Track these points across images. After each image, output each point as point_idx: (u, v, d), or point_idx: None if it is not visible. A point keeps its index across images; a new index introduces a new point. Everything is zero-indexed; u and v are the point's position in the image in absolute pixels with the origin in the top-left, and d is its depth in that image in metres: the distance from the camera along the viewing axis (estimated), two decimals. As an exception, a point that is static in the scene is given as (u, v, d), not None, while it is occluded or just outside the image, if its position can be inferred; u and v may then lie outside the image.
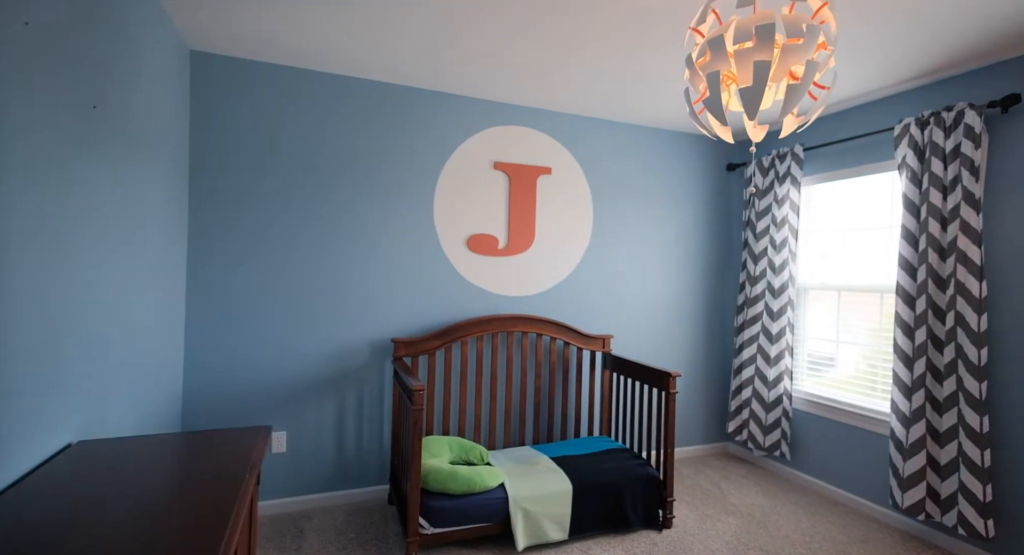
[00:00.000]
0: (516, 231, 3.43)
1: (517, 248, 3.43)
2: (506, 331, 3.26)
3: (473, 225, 3.32)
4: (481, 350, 3.20)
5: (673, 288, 3.90)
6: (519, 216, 3.43)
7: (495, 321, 3.23)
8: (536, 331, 3.31)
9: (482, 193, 3.34)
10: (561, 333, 3.37)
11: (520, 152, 3.43)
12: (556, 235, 3.53)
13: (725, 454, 4.03)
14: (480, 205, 3.33)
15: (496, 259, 3.38)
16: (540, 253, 3.49)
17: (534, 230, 3.47)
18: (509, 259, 3.42)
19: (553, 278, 3.53)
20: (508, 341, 3.28)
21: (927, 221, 2.67)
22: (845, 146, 3.23)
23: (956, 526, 2.57)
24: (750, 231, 3.76)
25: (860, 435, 3.11)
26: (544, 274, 3.50)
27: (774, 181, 3.58)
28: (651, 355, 3.82)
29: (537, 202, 3.48)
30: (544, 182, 3.50)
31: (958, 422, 2.56)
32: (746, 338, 3.74)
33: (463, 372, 3.15)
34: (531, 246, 3.46)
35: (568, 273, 3.57)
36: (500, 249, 3.39)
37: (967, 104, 2.54)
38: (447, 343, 3.10)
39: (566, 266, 3.57)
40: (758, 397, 3.64)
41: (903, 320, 2.77)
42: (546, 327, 3.34)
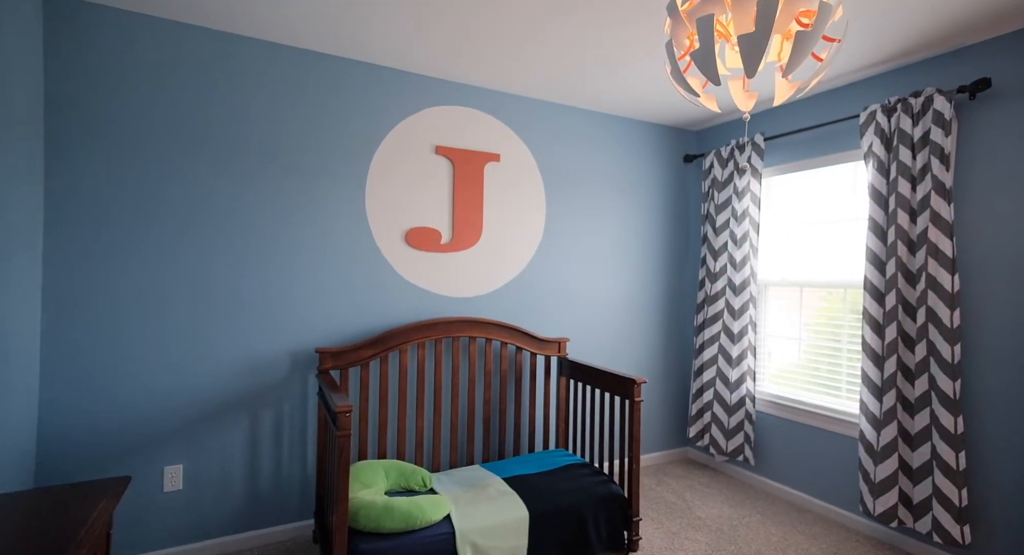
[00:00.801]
0: (461, 224, 3.07)
1: (462, 243, 3.08)
2: (451, 336, 2.90)
3: (412, 217, 2.94)
4: (423, 359, 2.82)
5: (631, 286, 3.66)
6: (464, 207, 3.08)
7: (438, 326, 2.86)
8: (485, 336, 2.97)
9: (422, 181, 2.96)
10: (512, 337, 3.04)
11: (465, 136, 3.08)
12: (506, 229, 3.21)
13: (686, 460, 3.83)
14: (420, 194, 2.96)
15: (439, 256, 3.02)
16: (488, 249, 3.15)
17: (481, 223, 3.13)
18: (454, 256, 3.06)
19: (503, 276, 3.20)
20: (453, 348, 2.92)
21: (896, 212, 2.53)
22: (808, 135, 3.09)
23: (931, 532, 2.44)
24: (709, 225, 3.58)
25: (827, 438, 2.96)
26: (493, 272, 3.17)
27: (733, 173, 3.41)
28: (609, 358, 3.57)
29: (485, 192, 3.14)
30: (492, 170, 3.16)
31: (931, 423, 2.43)
32: (707, 338, 3.56)
33: (402, 385, 2.76)
34: (478, 241, 3.12)
35: (519, 271, 3.25)
36: (443, 244, 3.03)
37: (935, 89, 2.42)
38: (383, 352, 2.70)
39: (517, 263, 3.25)
40: (720, 400, 3.46)
41: (872, 316, 2.63)
42: (496, 331, 3.00)
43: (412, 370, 2.91)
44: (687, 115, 3.56)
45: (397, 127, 2.88)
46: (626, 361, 3.64)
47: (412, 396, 2.90)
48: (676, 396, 3.87)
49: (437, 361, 2.86)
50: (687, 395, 3.91)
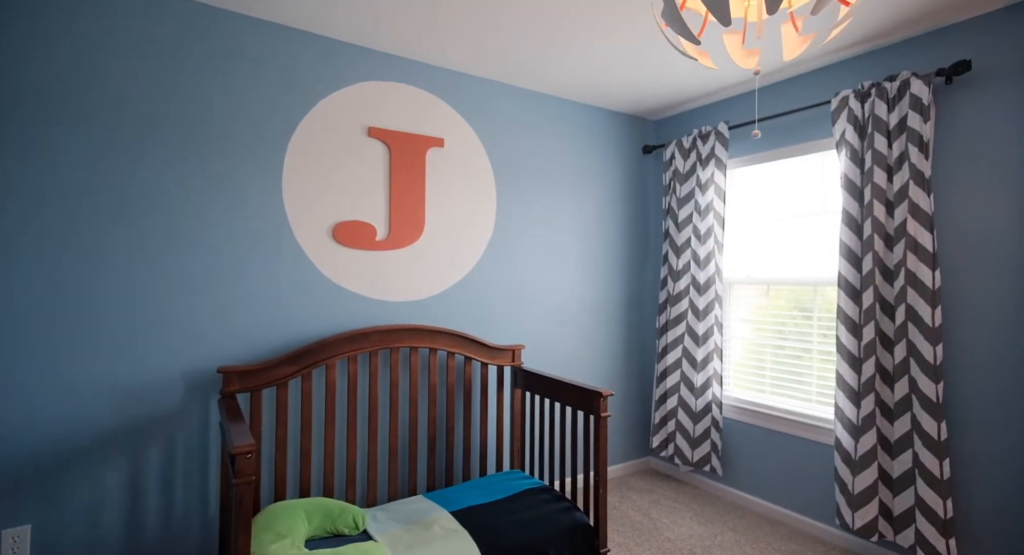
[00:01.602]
0: (400, 218, 2.68)
1: (401, 240, 2.69)
2: (389, 347, 2.50)
3: (341, 209, 2.52)
4: (354, 374, 2.41)
5: (589, 286, 3.38)
6: (403, 199, 2.69)
7: (374, 335, 2.46)
8: (428, 345, 2.60)
9: (352, 167, 2.55)
10: (460, 346, 2.68)
11: (404, 117, 2.70)
12: (452, 223, 2.84)
13: (648, 471, 3.59)
14: (350, 183, 2.55)
15: (373, 254, 2.62)
16: (432, 246, 2.78)
17: (423, 217, 2.75)
18: (391, 255, 2.66)
19: (449, 277, 2.83)
20: (392, 360, 2.53)
21: (871, 204, 2.36)
22: (776, 123, 2.90)
23: (914, 546, 2.27)
24: (671, 220, 3.35)
25: (799, 445, 2.78)
26: (437, 272, 2.80)
27: (696, 164, 3.19)
28: (567, 365, 3.27)
29: (427, 181, 2.77)
30: (435, 157, 2.79)
31: (912, 429, 2.27)
32: (670, 340, 3.32)
33: (329, 406, 2.35)
34: (420, 238, 2.74)
35: (467, 271, 2.89)
36: (379, 241, 2.63)
37: (911, 73, 2.26)
38: (305, 368, 2.28)
39: (465, 262, 2.89)
40: (684, 406, 3.23)
41: (847, 316, 2.46)
42: (441, 339, 2.63)
43: (342, 388, 2.50)
44: (646, 102, 3.32)
45: (321, 104, 2.46)
46: (585, 367, 3.36)
47: (342, 419, 2.49)
48: (638, 403, 3.63)
49: (372, 376, 2.46)
50: (649, 402, 3.67)
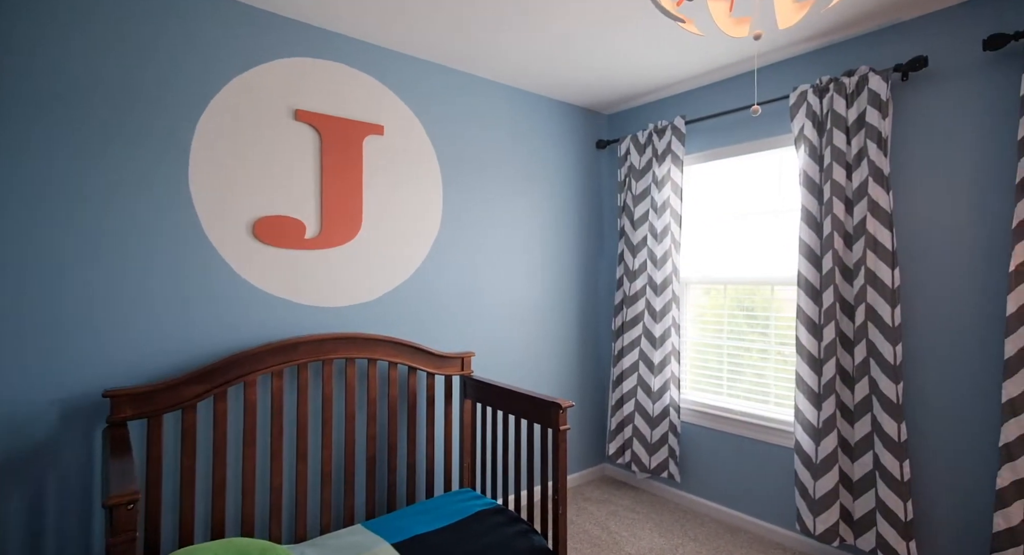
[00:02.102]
0: (333, 213, 2.39)
1: (335, 238, 2.40)
2: (321, 359, 2.21)
3: (262, 202, 2.21)
4: (279, 391, 2.10)
5: (542, 286, 3.19)
6: (337, 192, 2.40)
7: (303, 346, 2.16)
8: (367, 355, 2.32)
9: (277, 155, 2.24)
10: (403, 355, 2.42)
11: (337, 100, 2.40)
12: (393, 220, 2.57)
13: (604, 479, 3.45)
14: (274, 173, 2.23)
15: (303, 254, 2.31)
16: (370, 245, 2.50)
17: (360, 212, 2.47)
18: (324, 254, 2.37)
19: (390, 279, 2.56)
20: (324, 374, 2.23)
21: (831, 202, 2.30)
22: (733, 119, 2.81)
23: (875, 550, 2.23)
24: (627, 218, 3.21)
25: (758, 449, 2.70)
26: (377, 274, 2.52)
27: (652, 159, 3.07)
28: (519, 372, 3.07)
29: (364, 173, 2.49)
30: (374, 146, 2.51)
31: (872, 430, 2.22)
32: (626, 343, 3.19)
33: (249, 429, 2.03)
34: (356, 235, 2.46)
35: (411, 272, 2.63)
36: (309, 239, 2.33)
37: (869, 68, 2.21)
38: (219, 387, 1.96)
39: (408, 262, 2.63)
40: (641, 411, 3.11)
41: (807, 316, 2.39)
42: (381, 348, 2.37)
43: (264, 407, 2.18)
44: (599, 95, 3.17)
45: (237, 80, 2.13)
46: (539, 373, 3.17)
47: (264, 443, 2.17)
48: (593, 409, 3.48)
49: (301, 392, 2.16)
50: (605, 407, 3.53)
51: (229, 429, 2.08)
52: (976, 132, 2.02)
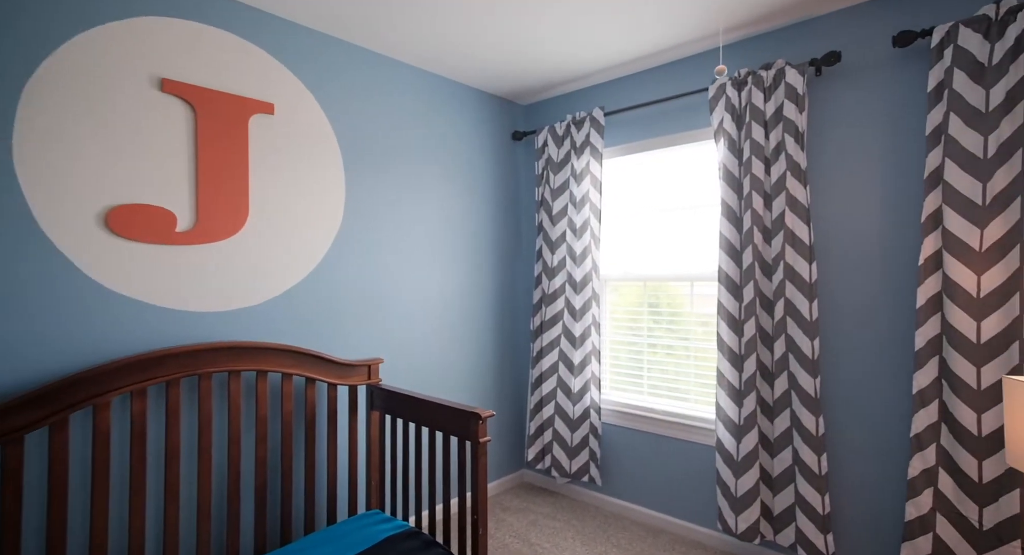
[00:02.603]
0: (212, 203, 2.04)
1: (215, 231, 2.05)
2: (197, 373, 1.86)
3: (119, 188, 1.82)
4: (141, 415, 1.74)
5: (455, 286, 2.98)
6: (217, 177, 2.05)
7: (173, 358, 1.81)
8: (255, 367, 2.00)
9: (137, 131, 1.86)
10: (299, 365, 2.12)
11: (217, 71, 2.05)
12: (287, 211, 2.25)
13: (523, 486, 3.30)
14: (133, 152, 1.85)
15: (174, 250, 1.95)
16: (259, 240, 2.17)
17: (247, 202, 2.13)
18: (200, 250, 2.01)
19: (284, 279, 2.24)
20: (201, 390, 1.88)
21: (750, 196, 2.29)
22: (653, 111, 2.75)
23: (795, 545, 2.23)
24: (545, 213, 3.08)
25: (679, 448, 2.66)
26: (268, 273, 2.19)
27: (570, 152, 2.95)
28: (433, 379, 2.83)
29: (251, 157, 2.15)
30: (262, 126, 2.18)
31: (792, 425, 2.23)
32: (545, 343, 3.05)
33: (100, 463, 1.66)
34: (242, 228, 2.12)
35: (310, 270, 2.32)
36: (181, 232, 1.96)
37: (786, 62, 2.21)
38: (59, 413, 1.57)
39: (305, 260, 2.31)
40: (562, 413, 2.99)
41: (728, 312, 2.36)
42: (273, 358, 2.05)
43: (122, 435, 1.80)
44: (515, 83, 3.01)
45: (80, 38, 1.73)
46: (454, 379, 2.95)
47: (121, 478, 1.79)
48: (512, 413, 3.32)
49: (171, 415, 1.80)
50: (524, 411, 3.38)
51: (72, 464, 1.69)
52: (887, 127, 2.06)
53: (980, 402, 1.82)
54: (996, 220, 1.81)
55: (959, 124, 1.86)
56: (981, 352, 1.82)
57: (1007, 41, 1.79)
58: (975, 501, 1.84)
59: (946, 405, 1.90)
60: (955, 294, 1.86)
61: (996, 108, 1.81)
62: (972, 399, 1.83)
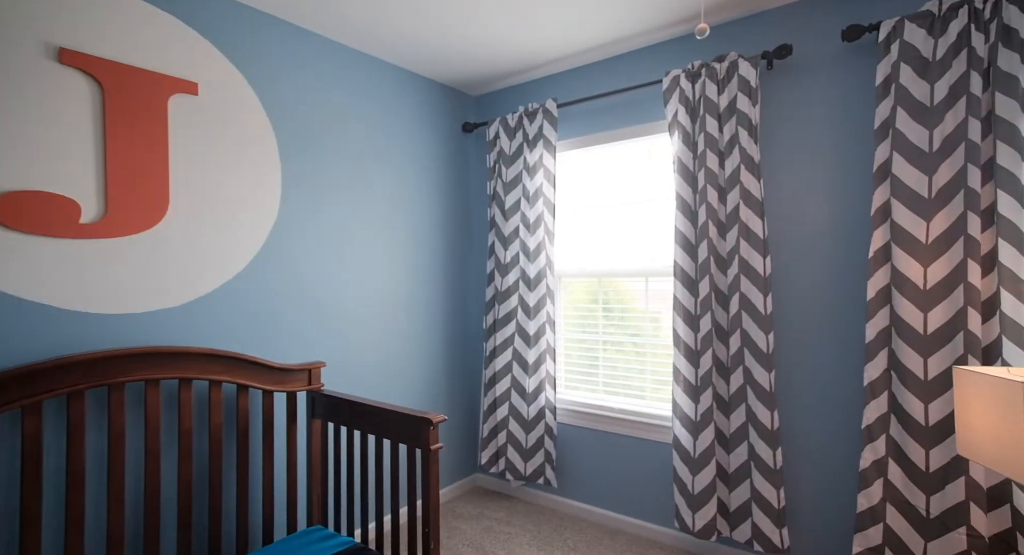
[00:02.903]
0: (123, 191, 1.81)
1: (128, 223, 1.82)
2: (107, 384, 1.64)
3: (8, 173, 1.58)
4: (34, 435, 1.51)
5: (404, 283, 2.82)
6: (130, 163, 1.82)
7: (76, 368, 1.58)
8: (177, 374, 1.79)
9: (27, 107, 1.62)
10: (230, 371, 1.92)
11: (129, 44, 1.82)
12: (215, 202, 2.04)
13: (475, 490, 3.18)
14: (25, 132, 1.61)
15: (78, 244, 1.71)
16: (182, 233, 1.95)
17: (167, 191, 1.91)
18: (110, 245, 1.78)
19: (213, 276, 2.03)
20: (112, 403, 1.66)
21: (705, 190, 2.26)
22: (607, 103, 2.69)
23: (751, 540, 2.22)
24: (497, 207, 2.97)
25: (636, 447, 2.62)
26: (193, 270, 1.98)
27: (523, 145, 2.86)
28: (380, 382, 2.67)
29: (171, 141, 1.93)
30: (185, 108, 1.97)
31: (748, 420, 2.21)
32: (499, 342, 2.95)
33: (-17, 493, 1.42)
34: (161, 220, 1.90)
35: (242, 267, 2.12)
36: (87, 224, 1.73)
37: (739, 55, 2.19)
38: (-79, 438, 1.33)
39: (237, 255, 2.11)
40: (516, 415, 2.89)
41: (683, 307, 2.33)
42: (198, 365, 1.85)
43: (11, 460, 1.56)
44: (464, 72, 2.88)
45: (-49, -12, 1.49)
46: (404, 382, 2.80)
47: (8, 510, 1.55)
48: (464, 416, 3.19)
49: (74, 432, 1.58)
50: (477, 413, 3.26)
51: (-54, 496, 1.45)
52: (838, 120, 2.07)
53: (927, 392, 1.85)
54: (941, 213, 1.84)
55: (906, 118, 1.89)
56: (928, 343, 1.85)
57: (949, 37, 1.83)
58: (923, 490, 1.87)
59: (895, 396, 1.92)
60: (903, 286, 1.88)
61: (940, 102, 1.84)
62: (920, 389, 1.86)
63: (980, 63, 1.78)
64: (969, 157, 1.78)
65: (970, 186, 1.78)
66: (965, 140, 1.79)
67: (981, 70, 1.79)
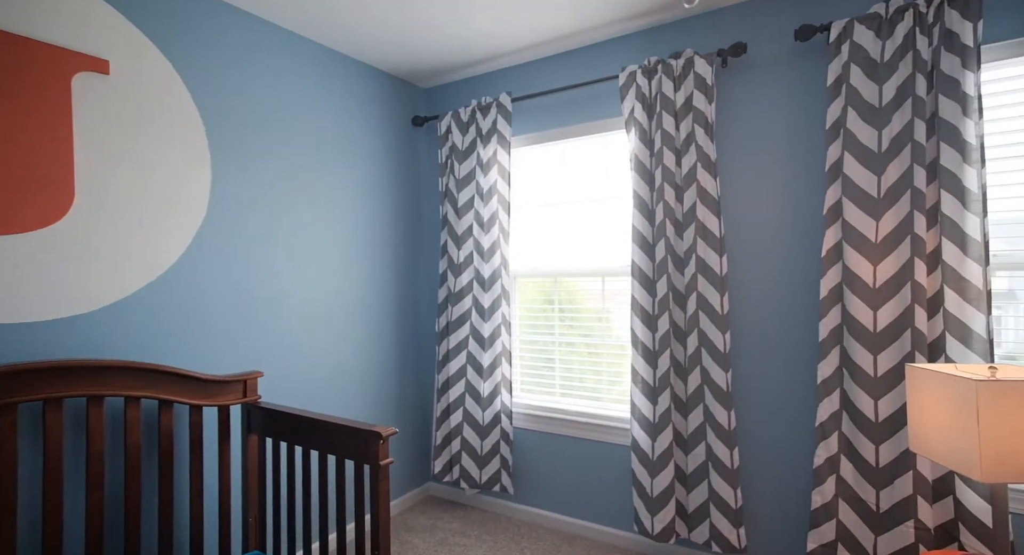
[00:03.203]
0: (16, 182, 1.57)
1: (22, 218, 1.59)
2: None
3: None
4: (-98, 469, 1.27)
5: (351, 285, 2.65)
6: (23, 150, 1.59)
7: (-50, 389, 1.35)
8: (86, 392, 1.57)
9: None
10: (150, 385, 1.71)
11: (19, 10, 1.58)
12: (131, 195, 1.82)
13: (428, 500, 3.04)
14: None
15: (-43, 241, 1.47)
16: (91, 230, 1.72)
17: (71, 183, 1.68)
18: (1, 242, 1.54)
19: (130, 279, 1.81)
20: (3, 425, 1.43)
21: (662, 188, 2.23)
22: (563, 98, 2.62)
23: (709, 541, 2.21)
24: (450, 205, 2.84)
25: (594, 450, 2.56)
26: (105, 272, 1.75)
27: (476, 139, 2.75)
28: (325, 392, 2.49)
29: (76, 126, 1.70)
30: (93, 88, 1.74)
31: (705, 421, 2.20)
32: (452, 345, 2.82)
33: None
34: (65, 215, 1.67)
35: (165, 268, 1.90)
36: (-32, 218, 1.49)
37: (694, 52, 2.17)
38: None
39: (159, 255, 1.89)
40: (471, 420, 2.78)
41: (641, 307, 2.29)
42: (112, 379, 1.63)
43: None
44: (414, 63, 2.74)
45: None
46: (350, 391, 2.63)
47: None
48: (416, 423, 3.05)
49: (-50, 465, 1.34)
50: (429, 421, 3.12)
51: None
52: (791, 120, 2.08)
53: (877, 389, 1.87)
54: (889, 212, 1.87)
55: (856, 118, 1.91)
56: (878, 340, 1.88)
57: (896, 39, 1.86)
58: (873, 485, 1.90)
59: (847, 393, 1.95)
60: (854, 284, 1.90)
61: (888, 104, 1.87)
62: (870, 386, 1.88)
63: (925, 66, 1.83)
64: (915, 158, 1.82)
65: (916, 186, 1.82)
66: (911, 141, 1.83)
67: (926, 73, 1.83)
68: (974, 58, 1.76)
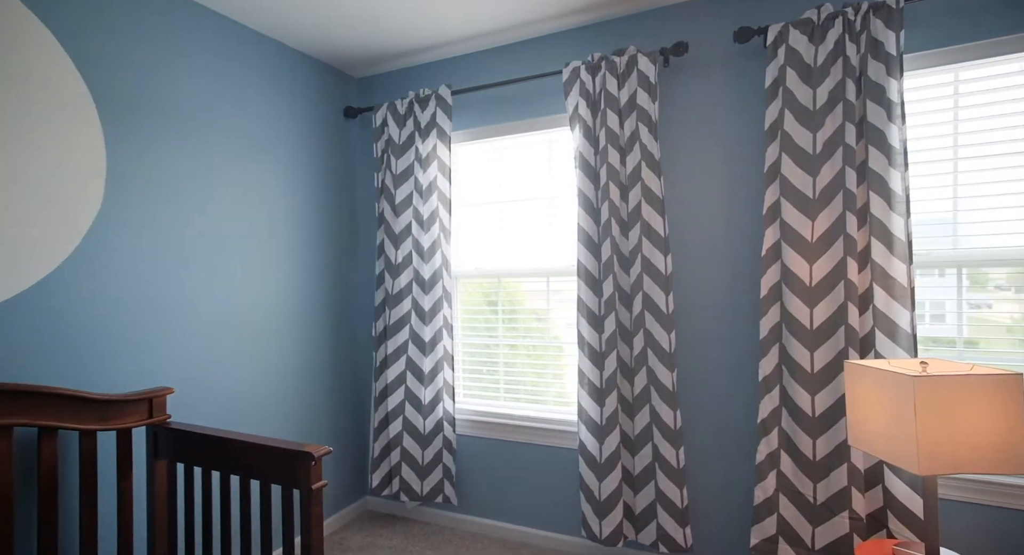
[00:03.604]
0: None
1: None
2: None
3: None
4: None
5: (276, 288, 2.43)
6: None
7: None
8: (-60, 423, 1.30)
9: None
10: (26, 410, 1.46)
11: None
12: (6, 188, 1.54)
13: (366, 516, 2.86)
14: None
15: None
16: (-51, 226, 1.44)
17: (-77, 169, 1.39)
18: None
19: (4, 284, 1.53)
20: None
21: (607, 187, 2.19)
22: (506, 93, 2.53)
23: (656, 542, 2.20)
24: (387, 202, 2.68)
25: (540, 455, 2.49)
26: (-32, 277, 1.47)
27: (414, 133, 2.61)
28: (248, 408, 2.27)
29: (-71, 101, 1.41)
30: (-50, 55, 1.45)
31: (652, 421, 2.18)
32: (390, 350, 2.67)
33: None
34: (-86, 208, 1.38)
35: (49, 270, 1.64)
36: None
37: (637, 50, 2.15)
38: None
39: (44, 254, 1.62)
40: (411, 429, 2.63)
41: (588, 308, 2.25)
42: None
43: None
44: (345, 50, 2.56)
45: None
46: (277, 404, 2.41)
47: None
48: (351, 435, 2.85)
49: None
50: (366, 432, 2.94)
51: None
52: (732, 120, 2.11)
53: (814, 385, 1.92)
54: (824, 212, 1.92)
55: (792, 121, 1.95)
56: (814, 337, 1.92)
57: (828, 45, 1.92)
58: (810, 478, 1.95)
59: (786, 390, 1.99)
60: (792, 283, 1.94)
61: (822, 107, 1.93)
62: (807, 382, 1.93)
63: (854, 72, 1.89)
64: (847, 160, 1.88)
65: (848, 188, 1.88)
66: (843, 144, 1.89)
67: (855, 78, 1.89)
68: (897, 66, 1.84)
